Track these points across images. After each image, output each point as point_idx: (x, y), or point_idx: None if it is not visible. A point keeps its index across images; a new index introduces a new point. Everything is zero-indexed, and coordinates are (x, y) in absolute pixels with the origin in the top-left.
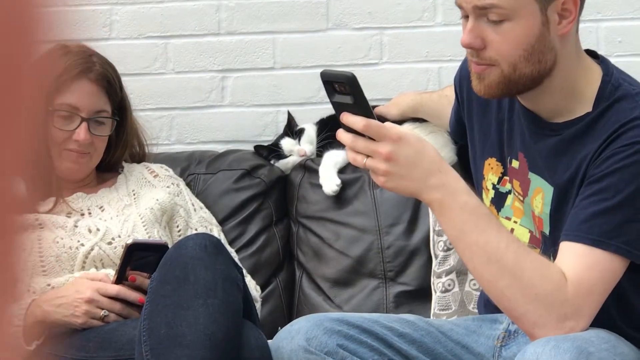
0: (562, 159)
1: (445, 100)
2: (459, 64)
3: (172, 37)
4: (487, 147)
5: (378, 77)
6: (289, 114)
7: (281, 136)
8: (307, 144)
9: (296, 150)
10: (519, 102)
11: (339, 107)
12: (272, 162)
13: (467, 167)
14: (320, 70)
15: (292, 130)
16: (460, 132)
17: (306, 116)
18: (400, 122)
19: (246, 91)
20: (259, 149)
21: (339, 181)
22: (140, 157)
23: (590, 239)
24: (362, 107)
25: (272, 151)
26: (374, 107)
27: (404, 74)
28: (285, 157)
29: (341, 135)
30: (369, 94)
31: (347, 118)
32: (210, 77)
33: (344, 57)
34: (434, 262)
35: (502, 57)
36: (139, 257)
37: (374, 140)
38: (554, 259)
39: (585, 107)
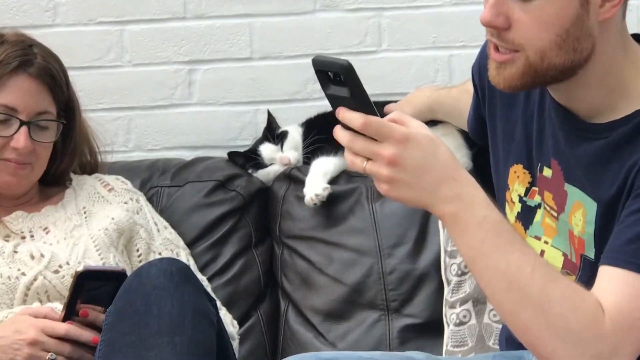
0: (607, 168)
1: (466, 97)
2: (473, 50)
3: (129, 22)
4: (513, 152)
5: (376, 67)
6: (269, 114)
7: (260, 141)
8: (291, 150)
9: (278, 157)
10: (551, 96)
11: (334, 101)
12: (250, 171)
13: (484, 176)
14: (306, 60)
15: (274, 133)
16: (480, 132)
17: (290, 116)
18: None
19: (218, 87)
20: (234, 156)
21: (325, 184)
22: (91, 167)
23: (635, 264)
24: (360, 101)
25: (250, 159)
26: (384, 102)
27: (408, 63)
28: (265, 165)
29: (338, 132)
30: (366, 89)
31: (344, 114)
32: (175, 70)
33: (335, 43)
34: (446, 289)
35: (529, 41)
36: (91, 287)
37: (375, 140)
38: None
39: (633, 104)
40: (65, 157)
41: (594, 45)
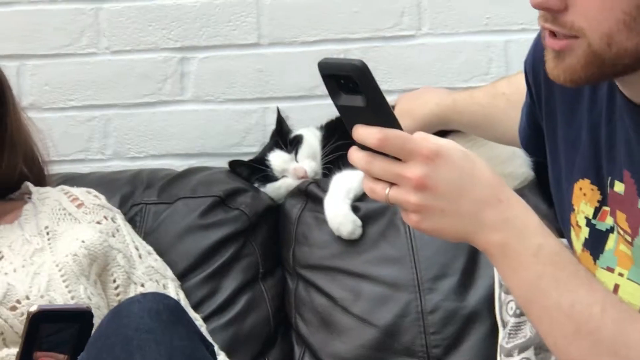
0: None
1: (501, 102)
2: (535, 35)
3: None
4: (577, 164)
5: (415, 55)
6: (279, 114)
7: (269, 147)
8: (307, 160)
9: (292, 168)
10: (621, 92)
11: (348, 114)
12: (256, 185)
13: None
14: (326, 47)
15: (286, 138)
16: (537, 144)
17: (307, 116)
18: None
19: (218, 80)
20: (237, 166)
21: (354, 217)
22: (37, 179)
23: None
24: (379, 112)
25: (257, 170)
26: None
27: (454, 51)
28: (275, 178)
29: (353, 155)
30: (402, 82)
31: (358, 131)
32: (163, 59)
33: (362, 27)
34: (502, 333)
35: (591, 23)
36: (49, 331)
37: (398, 159)
38: None
39: None
40: (4, 155)
41: None
